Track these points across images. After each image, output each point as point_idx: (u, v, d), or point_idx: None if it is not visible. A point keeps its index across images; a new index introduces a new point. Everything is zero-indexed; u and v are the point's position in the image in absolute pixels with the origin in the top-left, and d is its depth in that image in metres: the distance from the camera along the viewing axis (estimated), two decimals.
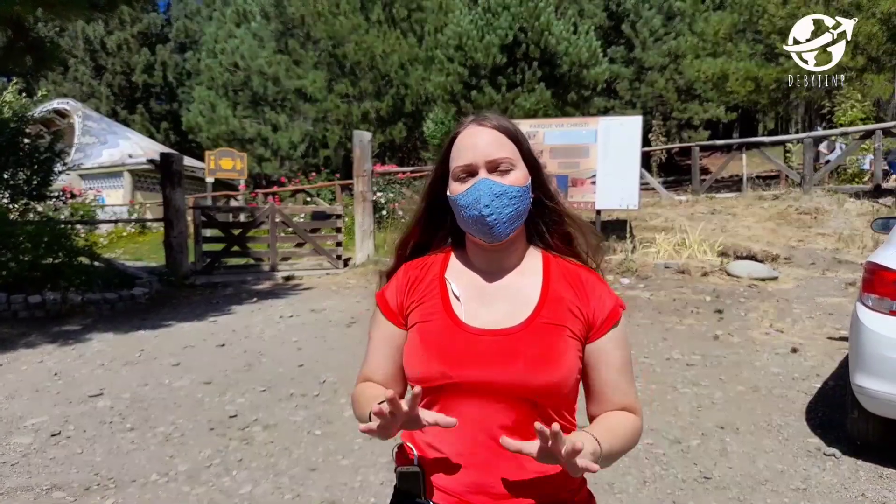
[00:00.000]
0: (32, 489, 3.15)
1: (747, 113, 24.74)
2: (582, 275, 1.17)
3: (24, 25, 6.68)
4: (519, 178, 1.11)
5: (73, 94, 27.96)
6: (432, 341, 1.10)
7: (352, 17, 19.97)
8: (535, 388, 1.05)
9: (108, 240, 17.04)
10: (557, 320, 1.10)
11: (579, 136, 9.43)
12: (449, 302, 1.14)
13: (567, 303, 1.12)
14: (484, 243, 1.13)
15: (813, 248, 8.90)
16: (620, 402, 1.13)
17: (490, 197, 1.07)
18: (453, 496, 1.07)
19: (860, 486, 3.05)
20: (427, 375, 1.09)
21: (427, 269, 1.20)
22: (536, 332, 1.08)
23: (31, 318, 6.93)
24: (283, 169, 21.43)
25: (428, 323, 1.13)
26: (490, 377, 1.05)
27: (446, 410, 1.06)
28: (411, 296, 1.17)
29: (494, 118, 1.15)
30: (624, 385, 1.14)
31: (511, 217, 1.09)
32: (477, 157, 1.10)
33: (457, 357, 1.07)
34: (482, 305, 1.13)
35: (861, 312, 3.29)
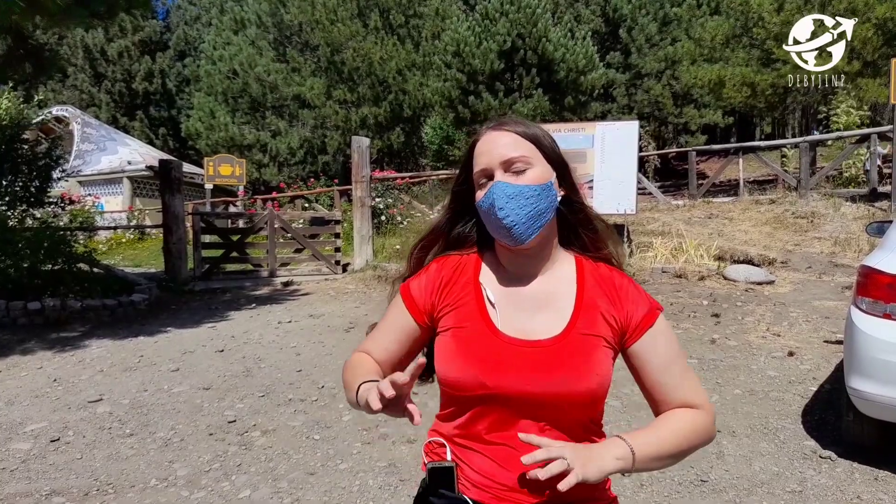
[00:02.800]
0: (32, 495, 3.16)
1: (744, 118, 24.82)
2: (616, 280, 1.17)
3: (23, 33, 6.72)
4: (536, 177, 1.10)
5: (72, 101, 28.02)
6: (469, 348, 1.09)
7: (349, 24, 20.05)
8: (572, 397, 1.06)
9: (108, 246, 17.06)
10: (593, 330, 1.10)
11: (576, 141, 9.47)
12: (485, 309, 1.13)
13: (601, 311, 1.12)
14: (510, 247, 1.12)
15: (809, 251, 8.94)
16: (675, 400, 1.12)
17: (504, 199, 1.07)
18: (488, 491, 1.08)
19: (855, 489, 3.07)
20: (464, 384, 1.09)
21: (460, 270, 1.19)
22: (573, 344, 1.09)
23: (31, 324, 6.94)
24: (281, 175, 21.47)
25: (463, 329, 1.12)
26: (527, 388, 1.06)
27: (481, 415, 1.09)
28: (444, 298, 1.16)
29: (512, 122, 1.15)
30: (675, 382, 1.12)
31: (530, 217, 1.08)
32: (492, 160, 1.11)
33: (494, 367, 1.07)
34: (517, 312, 1.12)
35: (855, 316, 3.32)
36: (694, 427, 1.10)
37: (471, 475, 1.09)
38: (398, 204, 12.80)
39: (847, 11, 12.21)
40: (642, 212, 11.42)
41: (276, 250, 11.01)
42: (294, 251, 11.54)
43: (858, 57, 12.66)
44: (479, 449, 1.10)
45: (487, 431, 1.09)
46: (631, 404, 4.24)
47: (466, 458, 1.11)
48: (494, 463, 1.08)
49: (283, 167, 21.75)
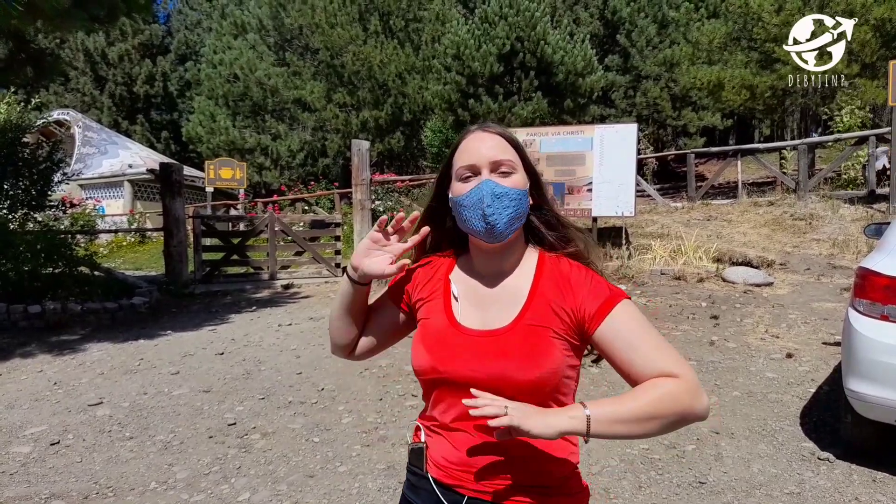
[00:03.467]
0: (32, 498, 3.17)
1: (743, 120, 24.82)
2: (573, 274, 1.20)
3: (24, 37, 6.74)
4: (519, 182, 1.19)
5: (74, 104, 28.05)
6: (428, 338, 1.21)
7: (349, 28, 20.08)
8: (518, 385, 1.11)
9: (108, 249, 17.09)
10: (541, 321, 1.16)
11: (575, 143, 9.49)
12: (449, 302, 1.23)
13: (551, 303, 1.17)
14: (484, 244, 1.19)
15: (808, 253, 8.95)
16: (649, 374, 1.11)
17: (492, 197, 1.14)
18: (443, 470, 1.18)
19: (854, 490, 3.07)
20: (422, 369, 1.21)
21: (436, 269, 1.31)
22: (521, 333, 1.15)
23: (31, 327, 6.96)
24: (282, 178, 21.49)
25: (429, 320, 1.24)
26: (473, 374, 1.13)
27: (438, 399, 1.21)
28: (421, 292, 1.29)
29: (497, 127, 1.24)
30: (641, 359, 1.12)
31: (511, 218, 1.16)
32: (481, 158, 1.18)
33: (446, 354, 1.17)
34: (476, 306, 1.22)
35: (853, 317, 3.33)
36: (663, 393, 1.07)
37: (434, 456, 1.21)
38: (398, 207, 12.81)
39: (845, 13, 12.23)
40: (641, 214, 11.44)
41: (277, 253, 11.03)
42: (294, 254, 11.55)
43: (857, 59, 12.68)
44: (441, 433, 1.21)
45: (446, 416, 1.19)
46: None
47: (432, 441, 1.22)
48: (451, 446, 1.18)
49: (283, 170, 21.77)
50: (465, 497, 1.15)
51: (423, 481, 1.21)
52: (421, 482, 1.22)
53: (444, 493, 1.17)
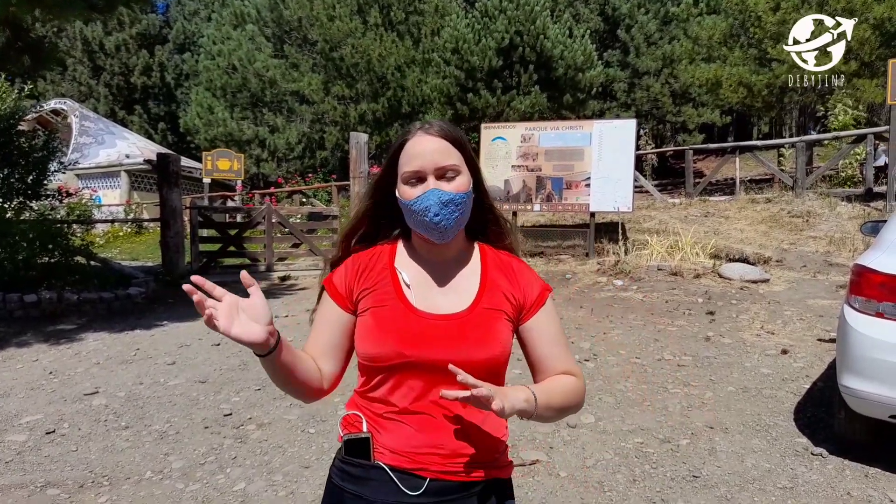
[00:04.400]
0: (27, 486, 3.17)
1: (742, 117, 24.85)
2: (514, 264, 1.34)
3: (21, 26, 6.70)
4: (463, 184, 1.24)
5: (71, 94, 27.90)
6: (388, 325, 1.22)
7: (348, 21, 20.00)
8: (477, 363, 1.18)
9: (105, 239, 17.03)
10: (495, 305, 1.26)
11: (574, 138, 9.49)
12: (401, 289, 1.26)
13: (503, 290, 1.28)
14: (434, 242, 1.25)
15: (804, 250, 8.97)
16: (560, 369, 1.29)
17: (439, 205, 1.19)
18: (404, 455, 1.19)
19: (846, 485, 3.09)
20: (383, 355, 1.21)
21: (376, 258, 1.32)
22: (479, 317, 1.24)
23: (27, 317, 6.94)
24: (280, 170, 21.45)
25: (382, 308, 1.24)
26: (438, 356, 1.18)
27: (398, 384, 1.21)
28: (362, 283, 1.28)
29: (439, 126, 1.26)
30: (559, 354, 1.31)
31: (458, 220, 1.23)
32: (426, 165, 1.22)
33: (411, 338, 1.20)
34: (430, 292, 1.27)
35: (848, 314, 3.34)
36: (574, 389, 1.28)
37: (387, 442, 1.20)
38: None
39: (845, 11, 12.22)
40: (639, 210, 11.45)
41: (274, 245, 11.01)
42: (291, 246, 11.54)
43: (856, 57, 12.68)
44: (397, 418, 1.21)
45: (406, 401, 1.20)
46: (625, 400, 4.26)
47: (384, 428, 1.22)
48: (411, 429, 1.20)
49: (281, 162, 21.73)
50: (426, 479, 1.17)
51: (372, 472, 1.19)
52: (369, 472, 1.19)
53: (402, 480, 1.17)
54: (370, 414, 1.25)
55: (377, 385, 1.24)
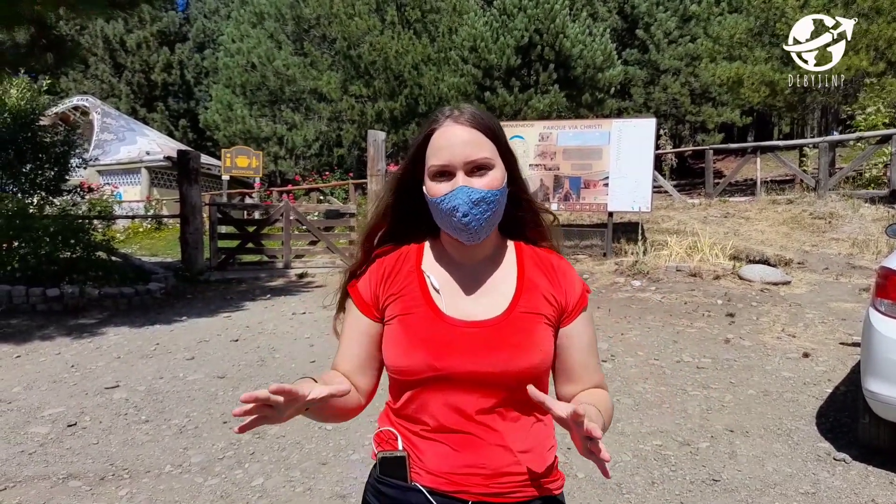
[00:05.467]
0: (49, 478, 3.22)
1: (763, 117, 24.53)
2: (553, 261, 1.21)
3: (45, 23, 6.80)
4: (496, 180, 1.11)
5: (93, 91, 28.23)
6: (416, 333, 1.11)
7: (366, 19, 20.05)
8: (517, 373, 1.08)
9: (125, 235, 17.26)
10: (534, 309, 1.14)
11: (592, 137, 9.43)
12: (429, 294, 1.15)
13: (542, 291, 1.16)
14: (464, 243, 1.14)
15: (827, 252, 8.84)
16: (592, 380, 1.19)
17: (469, 205, 1.07)
18: (442, 477, 1.09)
19: (870, 492, 3.04)
20: (412, 367, 1.10)
21: (402, 260, 1.20)
22: (516, 322, 1.12)
23: (49, 310, 7.05)
24: (297, 167, 21.57)
25: (410, 315, 1.13)
26: (475, 367, 1.08)
27: (432, 399, 1.11)
28: (388, 288, 1.17)
29: (470, 113, 1.14)
30: (593, 364, 1.19)
31: (489, 220, 1.11)
32: (454, 159, 1.09)
33: (442, 349, 1.09)
34: (462, 297, 1.15)
35: (873, 317, 3.28)
36: (609, 407, 1.16)
37: (424, 463, 1.11)
38: None
39: (872, 10, 12.02)
40: (658, 210, 11.35)
41: (291, 242, 11.07)
42: (309, 243, 11.60)
43: (883, 57, 12.46)
44: (432, 436, 1.11)
45: (441, 418, 1.10)
46: (643, 402, 4.23)
47: (419, 446, 1.12)
48: (448, 448, 1.10)
49: (298, 160, 21.86)
50: (468, 502, 1.09)
51: (408, 493, 1.11)
52: (405, 494, 1.11)
53: (442, 502, 1.09)
54: (404, 431, 1.15)
55: (409, 401, 1.14)
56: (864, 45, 12.11)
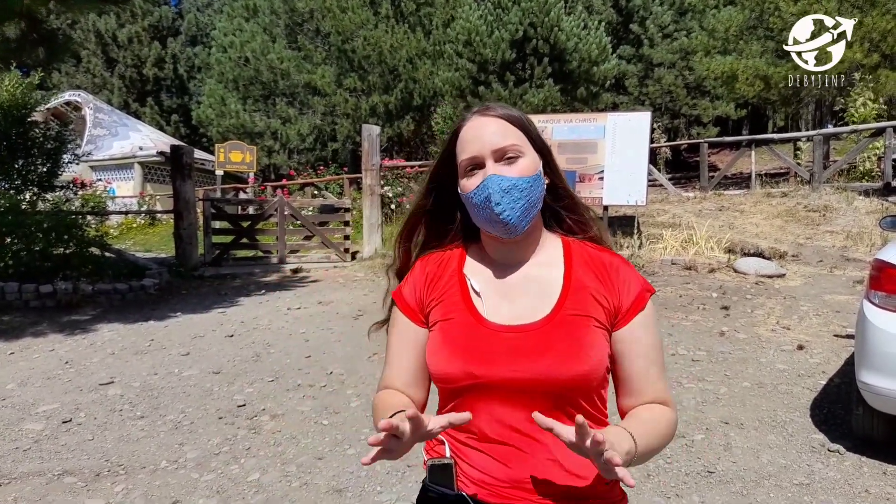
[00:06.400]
0: (44, 474, 3.21)
1: (757, 110, 24.57)
2: (605, 259, 1.13)
3: (36, 18, 6.74)
4: (528, 167, 1.08)
5: (85, 85, 28.07)
6: (455, 340, 1.07)
7: (360, 12, 19.95)
8: (564, 382, 1.02)
9: (119, 231, 17.17)
10: (582, 311, 1.06)
11: (587, 131, 9.42)
12: (469, 298, 1.10)
13: (591, 291, 1.08)
14: (501, 238, 1.10)
15: (821, 245, 8.87)
16: (652, 393, 1.09)
17: (500, 193, 1.04)
18: (486, 488, 1.05)
19: (864, 482, 3.06)
20: (452, 375, 1.06)
21: (444, 264, 1.16)
22: (562, 326, 1.05)
23: (43, 307, 7.02)
24: (291, 162, 21.50)
25: (449, 321, 1.09)
26: (516, 375, 1.02)
27: (472, 409, 1.03)
28: (431, 293, 1.14)
29: (499, 107, 1.12)
30: (655, 374, 1.09)
31: (524, 209, 1.06)
32: (483, 148, 1.07)
33: (481, 356, 1.04)
34: (504, 300, 1.10)
35: (867, 309, 3.29)
36: (670, 426, 1.07)
37: (469, 472, 1.07)
38: (408, 192, 12.78)
39: (866, 3, 12.04)
40: (653, 203, 11.36)
41: (286, 237, 11.05)
42: (303, 238, 11.57)
43: (877, 49, 12.48)
44: (477, 446, 1.07)
45: (485, 428, 1.05)
46: None
47: (465, 455, 1.08)
48: (493, 459, 1.05)
49: (293, 154, 21.78)
50: None
51: (453, 501, 1.06)
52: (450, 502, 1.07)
53: None
54: (451, 440, 1.10)
55: (453, 409, 1.08)
56: (857, 37, 12.13)
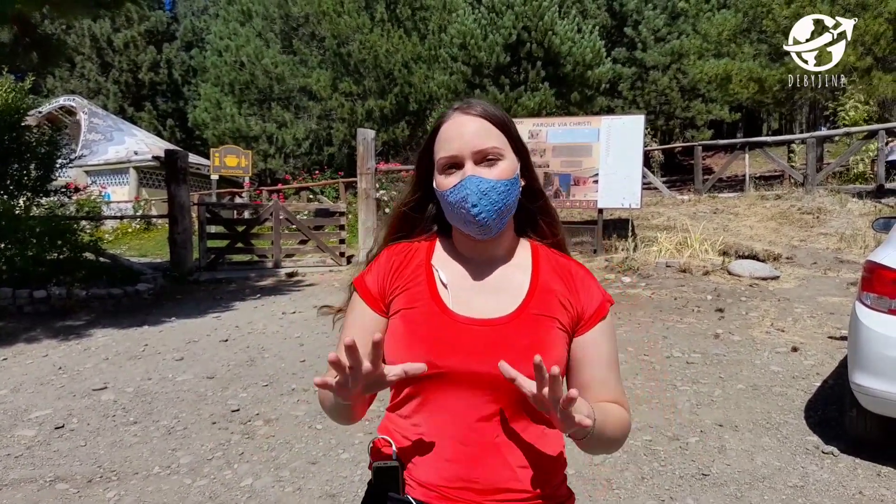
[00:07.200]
0: (36, 481, 3.19)
1: (751, 113, 24.68)
2: (572, 268, 1.15)
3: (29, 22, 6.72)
4: (507, 170, 1.07)
5: (80, 90, 28.00)
6: (418, 329, 1.06)
7: (356, 17, 19.98)
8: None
9: (114, 236, 17.14)
10: (547, 311, 1.07)
11: (582, 134, 9.44)
12: (436, 289, 1.10)
13: (557, 294, 1.10)
14: (475, 238, 1.10)
15: (815, 247, 8.90)
16: (609, 397, 1.10)
17: (478, 195, 1.03)
18: (434, 491, 1.02)
19: (858, 484, 3.06)
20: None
21: (412, 254, 1.16)
22: (526, 323, 1.05)
23: (36, 312, 6.98)
24: (287, 166, 21.48)
25: (413, 310, 1.08)
26: (477, 368, 1.02)
27: (429, 401, 1.04)
28: (395, 281, 1.13)
29: (480, 105, 1.11)
30: (612, 380, 1.11)
31: (500, 212, 1.06)
32: (463, 149, 1.06)
33: (444, 346, 1.03)
34: (470, 294, 1.09)
35: (860, 311, 3.30)
36: (624, 424, 1.08)
37: (417, 474, 1.04)
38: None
39: (857, 6, 12.11)
40: (647, 206, 11.39)
41: (281, 241, 11.03)
42: (299, 242, 11.56)
43: (870, 52, 12.56)
44: (426, 444, 1.04)
45: (438, 422, 1.04)
46: (633, 398, 4.24)
47: (414, 455, 1.05)
48: (443, 458, 1.03)
49: (288, 158, 21.76)
50: None
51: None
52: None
53: None
54: (400, 438, 1.07)
55: (404, 401, 1.08)
56: (851, 40, 12.19)
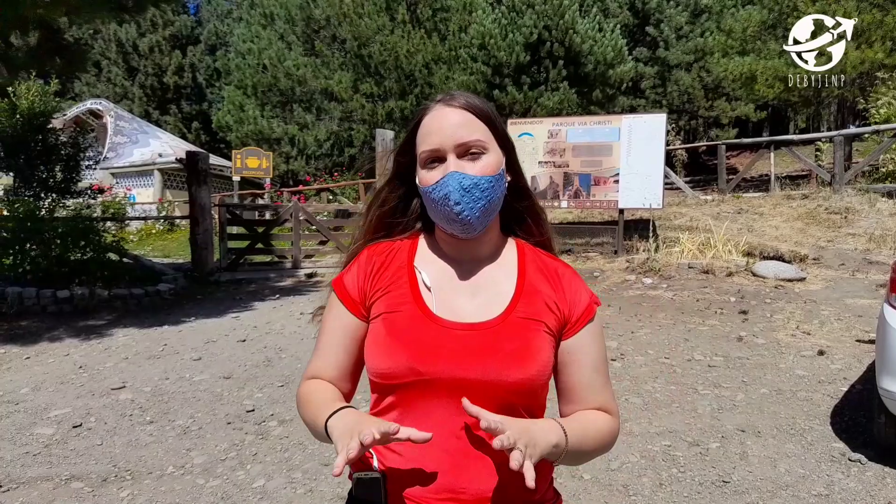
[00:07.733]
0: (52, 479, 3.21)
1: (777, 111, 24.24)
2: (559, 269, 1.12)
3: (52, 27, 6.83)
4: (491, 165, 1.03)
5: (106, 94, 28.55)
6: (400, 333, 1.01)
7: (376, 18, 20.05)
8: (509, 385, 0.98)
9: (138, 237, 17.40)
10: (534, 315, 1.04)
11: (602, 134, 9.33)
12: (419, 292, 1.05)
13: (543, 297, 1.06)
14: (458, 236, 1.06)
15: (842, 248, 8.68)
16: (596, 401, 1.07)
17: (460, 192, 0.99)
18: (419, 502, 0.98)
19: (887, 494, 2.95)
20: (394, 371, 1.00)
21: (393, 255, 1.11)
22: (513, 327, 1.02)
23: (60, 312, 7.09)
24: (308, 167, 21.64)
25: (395, 314, 1.03)
26: (462, 374, 0.98)
27: (412, 409, 1.00)
28: (376, 283, 1.08)
29: (463, 97, 1.07)
30: (599, 384, 1.08)
31: (484, 209, 1.02)
32: (444, 141, 1.01)
33: (427, 351, 0.99)
34: (455, 297, 1.05)
35: (888, 314, 3.19)
36: (610, 432, 1.07)
37: (402, 484, 0.99)
38: None
39: (887, 1, 11.81)
40: (669, 206, 11.22)
41: (301, 242, 11.09)
42: (318, 243, 11.61)
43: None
44: (409, 453, 0.99)
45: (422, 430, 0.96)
46: (653, 401, 4.15)
47: (397, 464, 1.00)
48: (427, 468, 0.98)
49: (310, 160, 21.91)
50: None
51: None
52: None
53: None
54: (381, 447, 1.01)
55: (387, 409, 1.03)
56: (878, 36, 11.91)
